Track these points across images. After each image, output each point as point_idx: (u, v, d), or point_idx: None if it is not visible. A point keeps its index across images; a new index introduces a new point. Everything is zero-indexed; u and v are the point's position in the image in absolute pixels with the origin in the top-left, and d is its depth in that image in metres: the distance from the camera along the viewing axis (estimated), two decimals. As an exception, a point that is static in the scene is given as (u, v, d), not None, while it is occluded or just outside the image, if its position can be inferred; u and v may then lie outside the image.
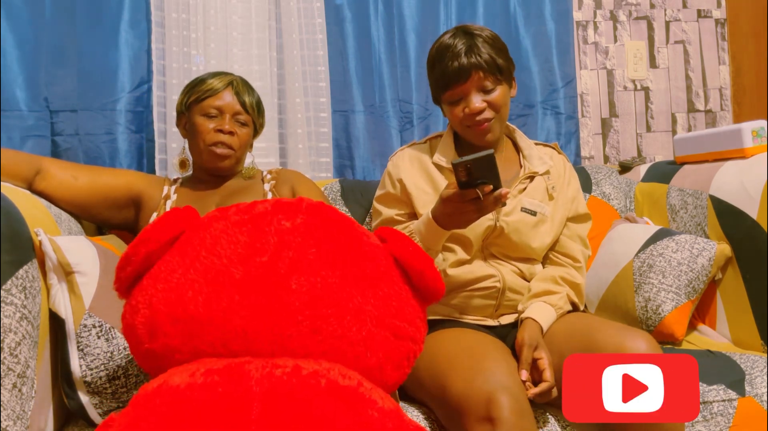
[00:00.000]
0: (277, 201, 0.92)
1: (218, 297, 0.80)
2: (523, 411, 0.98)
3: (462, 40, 1.25)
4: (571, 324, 1.20)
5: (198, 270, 0.83)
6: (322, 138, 1.88)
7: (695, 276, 1.51)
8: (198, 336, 0.80)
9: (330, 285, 0.83)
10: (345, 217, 0.94)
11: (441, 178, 1.32)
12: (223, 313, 0.80)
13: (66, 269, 1.07)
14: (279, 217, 0.88)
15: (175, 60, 1.75)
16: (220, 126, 1.35)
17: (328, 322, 0.81)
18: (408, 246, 0.93)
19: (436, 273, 0.94)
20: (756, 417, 1.21)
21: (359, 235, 0.92)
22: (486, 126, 1.26)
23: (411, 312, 0.91)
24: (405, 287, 0.92)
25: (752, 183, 1.47)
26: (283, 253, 0.83)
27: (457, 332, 1.21)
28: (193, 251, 0.85)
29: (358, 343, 0.83)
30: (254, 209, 0.90)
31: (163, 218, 0.89)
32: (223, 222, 0.88)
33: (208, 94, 1.37)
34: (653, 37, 2.26)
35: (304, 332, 0.80)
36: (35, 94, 1.73)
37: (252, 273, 0.81)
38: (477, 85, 1.24)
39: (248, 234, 0.85)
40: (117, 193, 1.37)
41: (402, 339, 0.89)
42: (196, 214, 0.92)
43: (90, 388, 1.07)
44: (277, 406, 0.69)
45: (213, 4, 1.78)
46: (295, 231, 0.86)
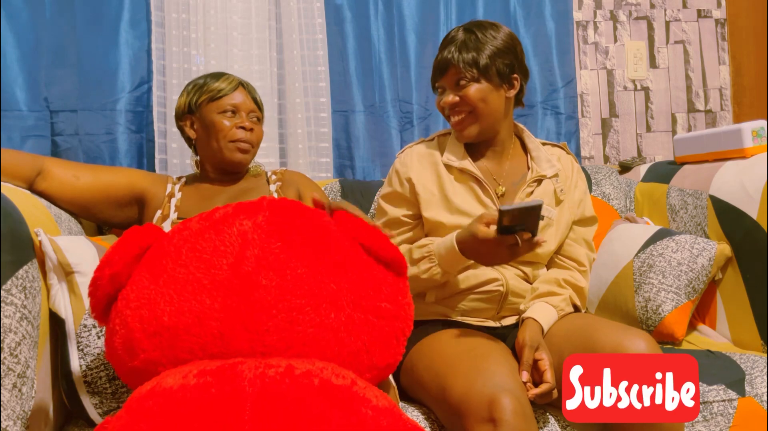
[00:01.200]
0: (238, 204, 0.93)
1: (189, 305, 0.81)
2: (525, 413, 0.98)
3: (464, 35, 1.27)
4: (571, 324, 1.20)
5: (167, 283, 0.83)
6: (322, 138, 1.88)
7: (695, 276, 1.51)
8: (176, 346, 0.80)
9: (300, 276, 0.84)
10: (308, 209, 0.95)
11: (450, 178, 1.30)
12: (197, 319, 0.80)
13: (66, 269, 1.07)
14: (240, 218, 0.88)
15: (175, 60, 1.75)
16: (240, 123, 1.37)
17: (303, 312, 0.82)
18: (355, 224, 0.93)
19: (388, 242, 0.94)
20: (756, 417, 1.21)
21: (324, 224, 0.93)
22: (460, 123, 1.27)
23: (389, 291, 0.91)
24: (377, 267, 0.92)
25: (752, 183, 1.47)
26: (247, 252, 0.84)
27: (458, 333, 1.21)
28: (159, 265, 0.85)
29: (338, 329, 0.83)
30: (215, 215, 0.90)
31: (123, 237, 0.89)
32: (185, 233, 0.88)
33: (222, 93, 1.38)
34: (653, 37, 2.26)
35: (280, 325, 0.81)
36: (35, 94, 1.73)
37: (219, 276, 0.82)
38: (453, 79, 1.26)
39: (210, 240, 0.86)
40: (119, 191, 1.37)
41: (385, 319, 0.89)
42: (158, 230, 0.92)
43: (90, 388, 1.07)
44: (270, 407, 0.69)
45: (213, 4, 1.78)
46: (258, 229, 0.86)
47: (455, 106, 1.27)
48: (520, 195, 1.29)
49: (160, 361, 0.81)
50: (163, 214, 1.34)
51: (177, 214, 1.33)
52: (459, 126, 1.28)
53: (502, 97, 1.28)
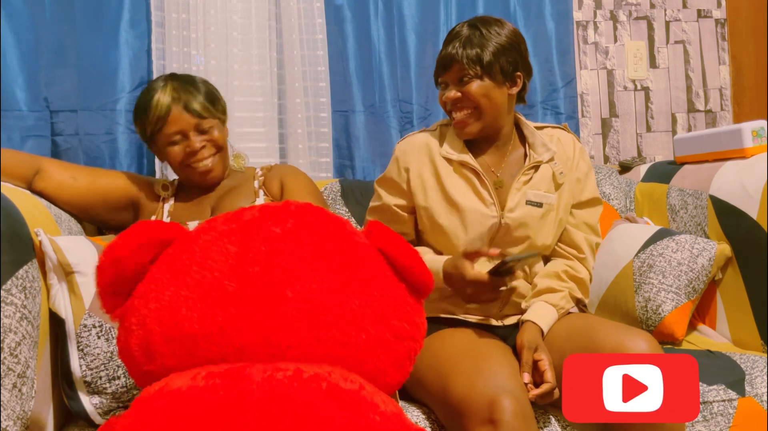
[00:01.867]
0: (264, 206, 0.90)
1: (213, 313, 0.78)
2: (525, 414, 0.97)
3: (469, 30, 1.27)
4: (571, 324, 1.20)
5: (189, 286, 0.81)
6: (322, 138, 1.88)
7: (695, 276, 1.51)
8: (195, 354, 0.78)
9: (327, 291, 0.81)
10: (334, 217, 0.93)
11: (448, 170, 1.29)
12: (219, 329, 0.78)
13: (66, 269, 1.07)
14: (268, 224, 0.85)
15: (175, 60, 1.75)
16: (190, 148, 1.32)
17: (328, 329, 0.80)
18: (394, 241, 0.91)
19: (424, 267, 0.93)
20: (756, 417, 1.21)
21: (349, 235, 0.91)
22: (462, 120, 1.27)
23: (409, 310, 0.90)
24: (399, 285, 0.90)
25: (752, 183, 1.47)
26: (275, 261, 0.81)
27: (460, 332, 1.21)
28: (182, 266, 0.83)
29: (360, 348, 0.82)
30: (242, 217, 0.88)
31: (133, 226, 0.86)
32: (211, 234, 0.85)
33: (160, 124, 1.31)
34: (653, 37, 2.26)
35: (304, 342, 0.79)
36: (35, 94, 1.72)
37: (245, 284, 0.79)
38: (457, 75, 1.26)
39: (238, 244, 0.83)
40: (115, 195, 1.37)
41: (402, 340, 0.88)
42: (180, 227, 0.90)
43: (90, 388, 1.07)
44: (277, 410, 0.69)
45: (213, 4, 1.78)
46: (286, 237, 0.84)
47: (457, 102, 1.26)
48: (516, 184, 1.28)
49: (177, 368, 0.79)
50: (157, 219, 1.34)
51: (170, 219, 1.33)
52: (461, 123, 1.27)
53: (504, 94, 1.28)
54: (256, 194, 1.39)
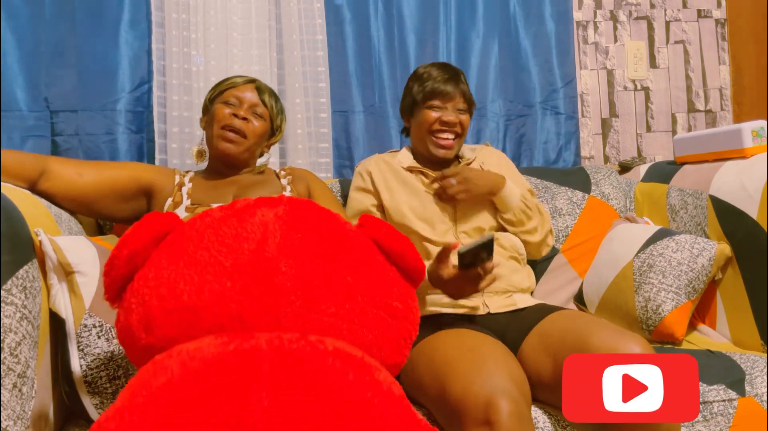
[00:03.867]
0: (258, 198, 0.95)
1: (210, 285, 0.82)
2: (522, 416, 0.98)
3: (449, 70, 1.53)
4: (565, 326, 1.20)
5: (187, 263, 0.84)
6: (322, 138, 1.88)
7: (695, 276, 1.51)
8: (194, 324, 0.81)
9: (318, 266, 0.85)
10: (326, 210, 0.97)
11: (404, 174, 1.52)
12: (217, 299, 0.81)
13: (66, 269, 1.07)
14: (262, 209, 0.90)
15: (175, 60, 1.76)
16: (235, 111, 1.40)
17: (321, 300, 0.83)
18: (384, 229, 0.96)
19: (416, 253, 0.97)
20: (756, 417, 1.21)
21: (341, 224, 0.94)
22: (450, 143, 1.50)
23: (400, 291, 0.93)
24: (391, 268, 0.94)
25: (752, 183, 1.47)
26: (269, 240, 0.85)
27: (457, 334, 1.21)
28: (180, 248, 0.86)
29: (353, 320, 0.85)
30: (236, 205, 0.92)
31: (142, 220, 0.90)
32: (207, 219, 0.90)
33: (229, 85, 1.44)
34: (653, 37, 2.26)
35: (298, 311, 0.82)
36: (35, 94, 1.73)
37: (241, 260, 0.83)
38: (456, 104, 1.50)
39: (233, 226, 0.87)
40: (123, 184, 1.37)
41: (396, 319, 0.90)
42: (178, 218, 0.93)
43: (90, 388, 1.07)
44: (287, 365, 0.70)
45: (213, 5, 1.78)
46: (279, 220, 0.88)
47: (451, 126, 1.49)
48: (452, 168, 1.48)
49: (177, 339, 0.82)
50: (174, 201, 1.35)
51: (190, 201, 1.34)
52: (448, 145, 1.50)
53: None
54: (283, 188, 1.43)
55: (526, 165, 2.09)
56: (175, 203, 1.34)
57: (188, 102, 1.76)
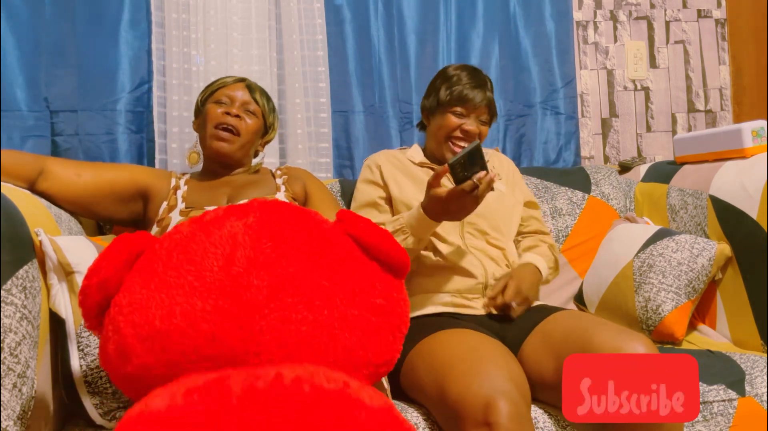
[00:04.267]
0: (228, 207, 0.92)
1: (181, 307, 0.80)
2: (522, 417, 0.97)
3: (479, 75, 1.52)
4: (568, 326, 1.20)
5: (158, 286, 0.83)
6: (322, 138, 1.88)
7: (695, 276, 1.51)
8: (168, 349, 0.80)
9: (292, 275, 0.83)
10: (300, 209, 0.95)
11: (413, 168, 1.51)
12: (188, 322, 0.80)
13: (66, 269, 1.07)
14: (230, 220, 0.88)
15: (175, 60, 1.75)
16: (227, 109, 1.40)
17: (296, 310, 0.82)
18: (361, 224, 0.94)
19: (395, 245, 0.94)
20: (756, 417, 1.21)
21: (316, 223, 0.92)
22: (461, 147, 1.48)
23: (383, 287, 0.91)
24: (371, 264, 0.92)
25: (752, 183, 1.47)
26: (237, 253, 0.83)
27: (458, 334, 1.21)
28: (151, 269, 0.85)
29: (332, 326, 0.84)
30: (205, 217, 0.90)
31: (112, 244, 0.88)
32: (177, 236, 0.88)
33: (220, 85, 1.45)
34: (653, 37, 2.26)
35: (273, 324, 0.80)
36: (35, 94, 1.73)
37: (209, 278, 0.82)
38: (479, 113, 1.48)
39: (201, 242, 0.85)
40: (121, 186, 1.37)
41: (381, 315, 0.89)
42: (150, 236, 0.92)
43: (90, 388, 1.07)
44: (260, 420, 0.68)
45: (213, 5, 1.78)
46: (248, 230, 0.86)
47: (472, 136, 1.47)
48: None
49: (154, 365, 0.81)
50: (169, 205, 1.34)
51: (184, 204, 1.34)
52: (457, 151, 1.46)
53: None
54: (277, 188, 1.42)
55: (526, 165, 2.09)
56: (170, 206, 1.34)
57: (188, 102, 1.76)
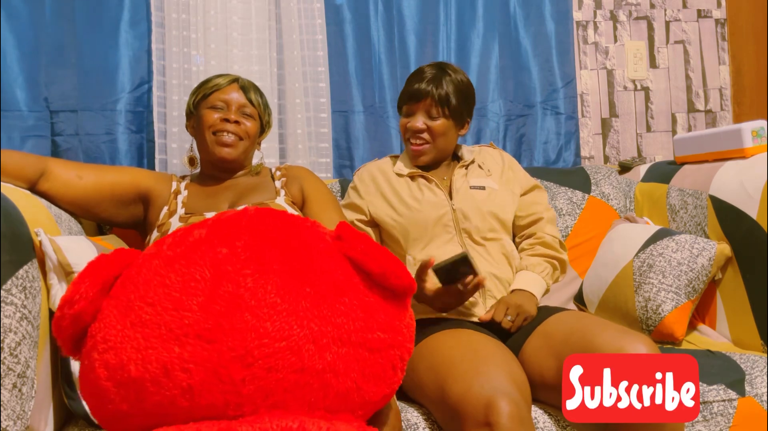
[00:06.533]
0: (214, 222, 0.84)
1: (156, 353, 0.73)
2: (522, 417, 0.97)
3: (434, 71, 1.44)
4: (569, 326, 1.20)
5: (134, 323, 0.76)
6: (322, 138, 1.88)
7: (695, 276, 1.51)
8: (144, 399, 0.74)
9: (279, 314, 0.75)
10: (294, 223, 0.86)
11: (401, 182, 1.46)
12: (164, 371, 0.73)
13: (66, 269, 1.07)
14: (214, 245, 0.79)
15: (175, 60, 1.75)
16: (225, 116, 1.38)
17: (283, 356, 0.74)
18: (364, 247, 0.84)
19: (399, 267, 0.85)
20: (756, 417, 1.21)
21: (311, 244, 0.84)
22: (420, 149, 1.44)
23: (384, 318, 0.83)
24: (371, 293, 0.83)
25: (752, 183, 1.47)
26: (220, 289, 0.75)
27: (459, 334, 1.21)
28: (126, 301, 0.78)
29: (324, 371, 0.76)
30: (188, 238, 0.81)
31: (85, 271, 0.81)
32: (155, 262, 0.79)
33: (214, 88, 1.41)
34: (653, 37, 2.26)
35: (258, 374, 0.73)
36: (35, 94, 1.73)
37: (188, 319, 0.74)
38: (425, 109, 1.42)
39: (180, 272, 0.77)
40: (122, 189, 1.37)
41: (381, 350, 0.81)
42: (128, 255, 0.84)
43: (90, 388, 1.06)
44: None
45: (213, 5, 1.78)
46: (234, 258, 0.78)
47: (420, 132, 1.43)
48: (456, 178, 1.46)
49: (130, 413, 0.76)
50: (170, 210, 1.34)
51: (184, 210, 1.33)
52: (418, 152, 1.45)
53: (456, 134, 1.48)
54: (277, 193, 1.41)
55: (526, 165, 2.09)
56: (170, 212, 1.33)
57: (188, 102, 1.76)
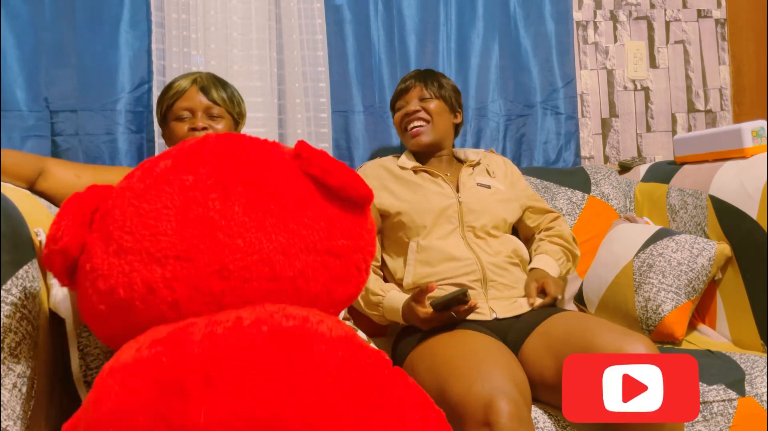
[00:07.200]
0: (178, 152, 0.89)
1: (140, 274, 0.80)
2: (522, 417, 0.97)
3: (422, 71, 1.60)
4: (570, 326, 1.20)
5: (117, 251, 0.82)
6: (322, 138, 1.88)
7: (695, 276, 1.51)
8: (136, 316, 0.81)
9: (248, 230, 0.82)
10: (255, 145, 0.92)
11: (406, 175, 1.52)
12: (149, 289, 0.80)
13: (66, 269, 1.07)
14: (180, 173, 0.85)
15: (175, 60, 1.75)
16: (193, 125, 1.34)
17: (256, 268, 0.81)
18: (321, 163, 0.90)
19: (357, 181, 0.91)
20: (756, 417, 1.21)
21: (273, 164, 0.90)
22: (418, 130, 1.52)
23: (346, 225, 0.90)
24: (331, 205, 0.90)
25: (752, 183, 1.47)
26: (190, 213, 0.82)
27: (459, 334, 1.21)
28: (107, 232, 0.84)
29: (295, 277, 0.84)
30: (155, 169, 0.87)
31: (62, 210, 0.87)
32: (128, 194, 0.86)
33: (175, 97, 1.37)
34: (653, 37, 2.26)
35: (235, 285, 0.80)
36: (35, 94, 1.73)
37: (165, 242, 0.80)
38: (418, 94, 1.54)
39: (152, 201, 0.83)
40: None
41: (343, 256, 0.89)
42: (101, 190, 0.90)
43: (90, 388, 1.07)
44: (220, 364, 0.69)
45: (213, 5, 1.78)
46: (200, 184, 0.84)
47: (416, 113, 1.52)
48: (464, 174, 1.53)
49: (125, 329, 0.82)
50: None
51: None
52: (416, 132, 1.52)
53: (451, 121, 1.58)
54: None
55: (526, 165, 2.09)
56: None
57: (188, 102, 1.76)
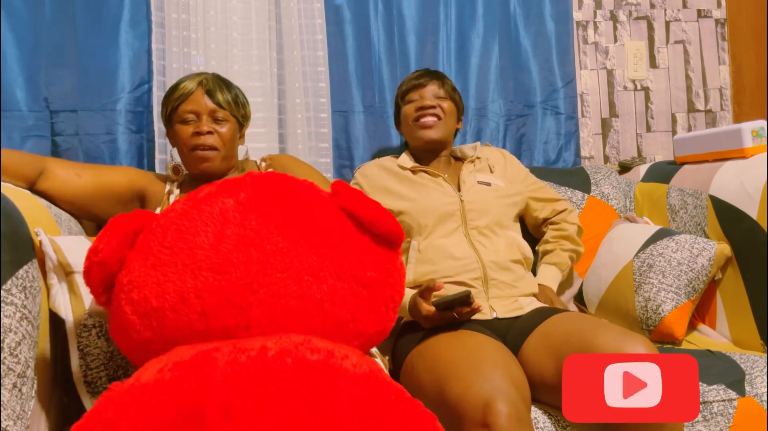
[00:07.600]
0: (223, 182, 0.94)
1: (173, 285, 0.84)
2: (521, 418, 0.97)
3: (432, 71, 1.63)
4: (570, 327, 1.20)
5: (154, 264, 0.86)
6: (322, 138, 1.88)
7: (695, 276, 1.51)
8: (164, 325, 0.84)
9: (280, 250, 0.86)
10: (294, 181, 0.97)
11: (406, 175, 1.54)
12: (180, 299, 0.83)
13: (66, 269, 1.07)
14: (222, 197, 0.91)
15: (175, 60, 1.75)
16: (197, 128, 1.33)
17: (285, 285, 0.84)
18: (356, 198, 0.96)
19: (388, 218, 0.96)
20: (756, 417, 1.21)
21: (309, 197, 0.95)
22: (431, 121, 1.53)
23: (375, 259, 0.94)
24: (364, 237, 0.94)
25: (752, 183, 1.47)
26: (227, 230, 0.86)
27: (458, 334, 1.21)
28: (147, 247, 0.89)
29: (322, 300, 0.86)
30: (199, 194, 0.93)
31: (108, 225, 0.91)
32: (172, 214, 0.91)
33: (180, 100, 1.35)
34: (653, 37, 2.26)
35: (263, 299, 0.83)
36: (35, 94, 1.73)
37: (200, 256, 0.85)
38: (433, 90, 1.56)
39: (193, 219, 0.88)
40: (121, 188, 1.38)
41: (373, 288, 0.91)
42: (148, 213, 0.94)
43: (90, 388, 1.07)
44: (242, 394, 0.70)
45: (213, 5, 1.78)
46: (239, 206, 0.89)
47: (432, 108, 1.54)
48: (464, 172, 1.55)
49: (152, 340, 0.85)
50: (162, 209, 1.34)
51: None
52: (428, 124, 1.53)
53: (455, 125, 1.61)
54: None
55: (526, 165, 2.09)
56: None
57: (188, 102, 1.76)
